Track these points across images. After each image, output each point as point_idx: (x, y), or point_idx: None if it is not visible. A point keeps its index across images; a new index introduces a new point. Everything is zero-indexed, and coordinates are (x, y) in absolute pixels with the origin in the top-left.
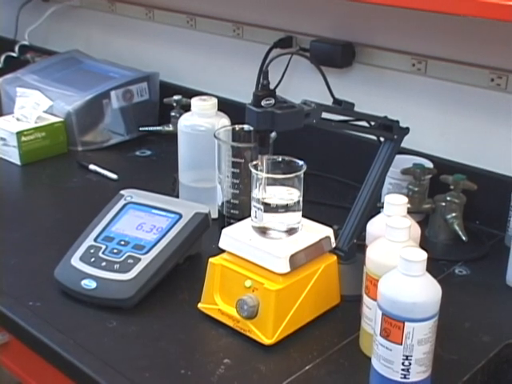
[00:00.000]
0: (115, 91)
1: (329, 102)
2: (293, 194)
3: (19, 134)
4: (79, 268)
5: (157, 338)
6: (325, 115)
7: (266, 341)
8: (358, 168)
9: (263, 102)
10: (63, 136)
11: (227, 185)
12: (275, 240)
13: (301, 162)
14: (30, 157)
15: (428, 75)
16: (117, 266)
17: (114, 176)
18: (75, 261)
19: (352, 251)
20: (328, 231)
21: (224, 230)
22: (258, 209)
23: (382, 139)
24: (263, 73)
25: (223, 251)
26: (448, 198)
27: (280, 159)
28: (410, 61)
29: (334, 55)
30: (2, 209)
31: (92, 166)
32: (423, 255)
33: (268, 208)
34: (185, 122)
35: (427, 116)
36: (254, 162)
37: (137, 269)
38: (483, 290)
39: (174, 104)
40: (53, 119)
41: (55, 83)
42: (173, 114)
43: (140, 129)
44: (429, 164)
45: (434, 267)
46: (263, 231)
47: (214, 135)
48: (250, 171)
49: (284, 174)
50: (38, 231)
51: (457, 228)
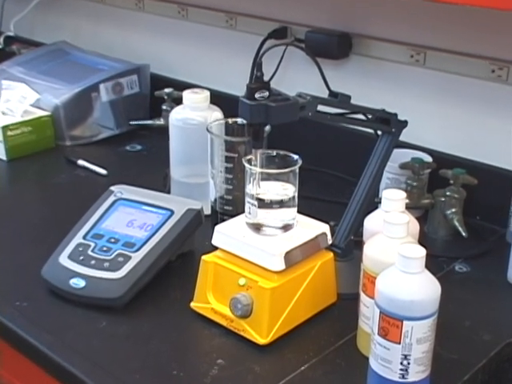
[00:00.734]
0: (104, 84)
1: (325, 94)
2: (288, 190)
3: (5, 128)
4: (67, 266)
5: (148, 339)
6: (320, 108)
7: (261, 340)
8: (354, 162)
9: (257, 95)
10: (50, 130)
11: (220, 180)
12: (270, 237)
13: (296, 157)
14: (17, 152)
15: (427, 66)
16: (106, 265)
17: (103, 171)
18: (63, 259)
19: (349, 248)
20: (324, 227)
21: (217, 227)
22: (252, 204)
23: (379, 133)
24: (257, 64)
25: (216, 248)
26: (447, 193)
27: (274, 153)
28: (408, 52)
29: (330, 46)
30: None
31: (81, 162)
32: (422, 252)
33: (262, 204)
34: (176, 115)
35: (426, 108)
36: (248, 157)
37: (127, 267)
38: (484, 287)
39: (165, 97)
40: (40, 113)
41: (42, 76)
42: (164, 107)
43: (130, 123)
44: (428, 158)
45: (434, 264)
46: (257, 228)
47: (207, 129)
48: (244, 166)
49: (279, 168)
50: (25, 228)
51: (457, 224)
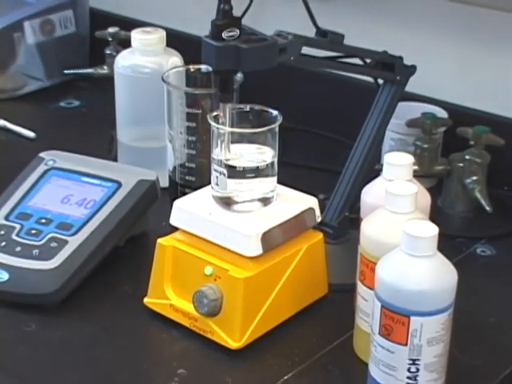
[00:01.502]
0: (30, 21)
1: (311, 33)
2: (265, 154)
3: None
4: None
5: (90, 345)
6: (305, 51)
7: (233, 344)
8: (349, 119)
9: (225, 34)
10: None
11: (180, 143)
12: (243, 214)
13: (275, 112)
14: None
15: None
16: (36, 252)
17: (30, 134)
18: None
19: (343, 227)
20: (311, 201)
21: (176, 202)
22: (221, 173)
23: (380, 81)
24: None
25: (176, 229)
26: (467, 157)
27: (248, 108)
28: None
29: None
30: None
31: (2, 122)
32: (434, 230)
33: (233, 172)
34: (123, 61)
35: (441, 50)
36: (215, 113)
37: (62, 254)
38: None
39: (110, 38)
40: None
41: None
42: (108, 51)
43: (65, 72)
44: (442, 113)
45: (449, 246)
46: (227, 202)
47: (162, 79)
48: (210, 125)
49: (253, 127)
50: None
51: (478, 196)
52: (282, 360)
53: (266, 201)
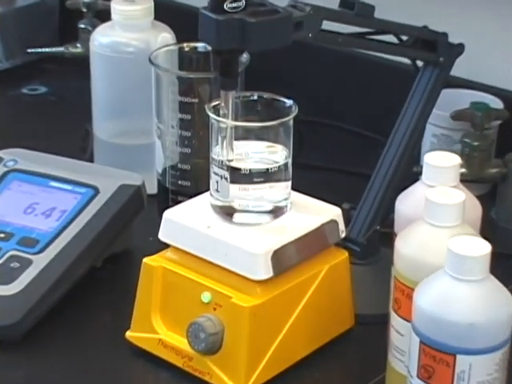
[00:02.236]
0: None
1: (334, 4)
2: (277, 154)
3: None
4: None
5: None
6: (326, 25)
7: None
8: (381, 111)
9: (227, 5)
10: None
11: (172, 140)
12: (249, 227)
13: (289, 102)
14: None
15: None
16: None
17: None
18: None
19: (373, 244)
20: (334, 212)
21: (167, 213)
22: (222, 177)
23: (419, 63)
24: None
25: (166, 246)
26: None
27: (255, 97)
28: None
29: None
30: None
31: None
32: (485, 248)
33: (237, 176)
34: (101, 38)
35: (494, 26)
36: (214, 103)
37: (25, 277)
38: None
39: (84, 10)
40: None
41: None
42: (82, 25)
43: (28, 51)
44: (496, 103)
45: (505, 267)
46: (230, 213)
47: (150, 60)
48: (208, 117)
49: (262, 120)
50: None
51: None
52: None
53: (277, 211)
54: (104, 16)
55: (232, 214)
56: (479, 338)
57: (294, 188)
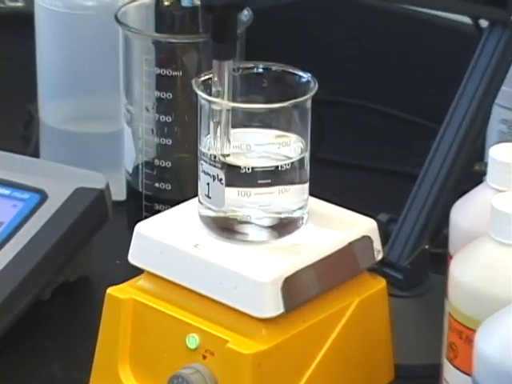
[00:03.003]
0: None
1: None
2: (289, 147)
3: None
4: None
5: None
6: None
7: None
8: (430, 89)
9: None
10: None
11: (146, 128)
12: (251, 246)
13: (306, 76)
14: None
15: None
16: None
17: None
18: None
19: (419, 269)
20: (367, 226)
21: (140, 227)
22: (215, 178)
23: (483, 24)
24: None
25: (139, 272)
26: None
27: (261, 69)
28: None
29: None
30: None
31: None
32: None
33: (236, 176)
34: None
35: None
36: (205, 77)
37: None
38: None
39: None
40: None
41: None
42: None
43: None
44: None
45: None
46: (225, 227)
47: (116, 18)
48: (196, 96)
49: (270, 101)
50: None
51: None
52: None
53: (289, 225)
54: None
55: (228, 228)
56: None
57: (312, 193)
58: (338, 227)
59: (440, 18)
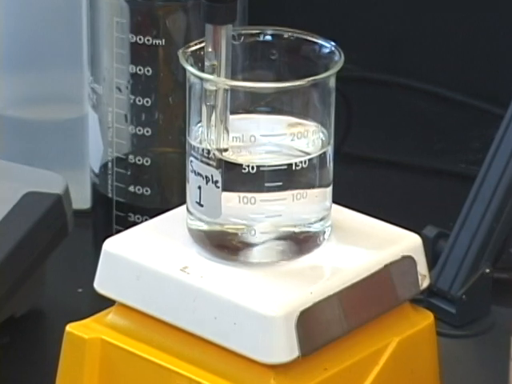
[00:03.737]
0: None
1: None
2: (306, 139)
3: None
4: None
5: None
6: None
7: None
8: (492, 61)
9: None
10: None
11: (118, 114)
12: (256, 270)
13: (328, 45)
14: None
15: None
16: None
17: None
18: None
19: (478, 300)
20: (409, 243)
21: (109, 245)
22: (209, 180)
23: None
24: None
25: (109, 303)
26: None
27: (269, 36)
28: None
29: None
30: None
31: None
32: None
33: (236, 178)
34: None
35: None
36: (195, 47)
37: None
38: None
39: None
40: None
41: None
42: None
43: None
44: None
45: None
46: (223, 244)
47: None
48: (184, 73)
49: (281, 78)
50: None
51: None
52: None
53: (307, 241)
54: None
55: (226, 245)
56: None
57: (336, 199)
58: (370, 244)
59: None
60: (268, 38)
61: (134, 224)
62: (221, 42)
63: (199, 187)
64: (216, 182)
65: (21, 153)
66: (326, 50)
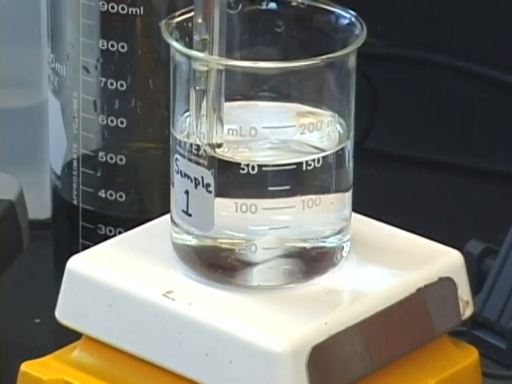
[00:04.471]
0: None
1: None
2: (321, 131)
3: None
4: None
5: None
6: None
7: None
8: None
9: None
10: None
11: (86, 100)
12: (258, 294)
13: (347, 15)
14: None
15: None
16: None
17: None
18: None
19: None
20: (448, 262)
21: (74, 263)
22: (198, 183)
23: None
24: None
25: (73, 337)
26: None
27: (273, 4)
28: None
29: None
30: None
31: None
32: None
33: (233, 180)
34: None
35: None
36: (181, 17)
37: None
38: None
39: None
40: None
41: None
42: None
43: None
44: None
45: None
46: (216, 263)
47: None
48: (168, 50)
49: (289, 57)
50: None
51: None
52: None
53: (321, 260)
54: None
55: (220, 264)
56: None
57: (356, 207)
58: (399, 263)
59: None
60: (272, 5)
61: (104, 238)
62: (213, 11)
63: (187, 192)
64: (207, 185)
65: None
66: (345, 22)
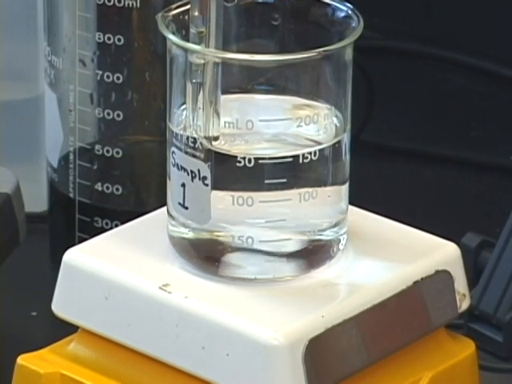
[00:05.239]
0: None
1: None
2: (317, 124)
3: None
4: None
5: None
6: None
7: None
8: None
9: None
10: None
11: (82, 93)
12: (254, 287)
13: (344, 8)
14: None
15: None
16: None
17: None
18: None
19: None
20: (445, 254)
21: (70, 256)
22: (195, 176)
23: None
24: None
25: (70, 329)
26: None
27: None
28: None
29: None
30: None
31: None
32: None
33: (229, 172)
34: None
35: None
36: (178, 10)
37: None
38: None
39: None
40: None
41: None
42: None
43: None
44: None
45: None
46: (212, 256)
47: None
48: (165, 42)
49: (285, 49)
50: None
51: None
52: None
53: (318, 253)
54: None
55: (217, 257)
56: None
57: (353, 200)
58: (395, 256)
59: None
60: None
61: (101, 231)
62: (210, 4)
63: (183, 185)
64: (204, 178)
65: None
66: (341, 14)
